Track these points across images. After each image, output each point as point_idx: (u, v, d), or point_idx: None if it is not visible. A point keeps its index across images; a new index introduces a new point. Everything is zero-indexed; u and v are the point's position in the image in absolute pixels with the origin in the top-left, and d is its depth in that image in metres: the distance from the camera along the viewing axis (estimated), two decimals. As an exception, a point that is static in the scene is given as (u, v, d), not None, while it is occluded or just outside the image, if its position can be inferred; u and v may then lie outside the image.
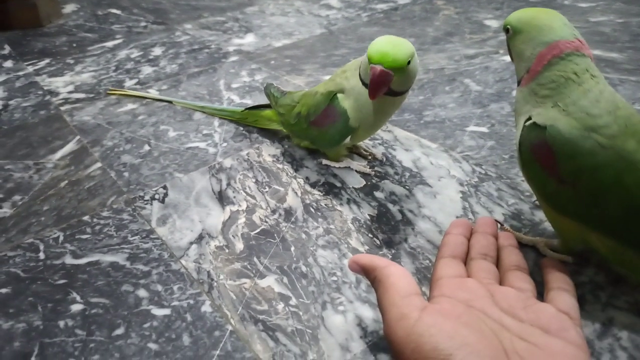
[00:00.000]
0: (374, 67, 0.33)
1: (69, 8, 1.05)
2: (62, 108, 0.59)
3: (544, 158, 0.27)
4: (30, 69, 0.72)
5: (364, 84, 0.37)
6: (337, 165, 0.43)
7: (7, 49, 0.81)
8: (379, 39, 0.34)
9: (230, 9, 0.93)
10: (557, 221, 0.29)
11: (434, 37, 0.70)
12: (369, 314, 0.29)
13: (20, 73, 0.70)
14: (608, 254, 0.28)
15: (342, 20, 0.81)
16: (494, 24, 0.73)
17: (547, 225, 0.34)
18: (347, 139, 0.40)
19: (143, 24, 0.89)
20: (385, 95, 0.36)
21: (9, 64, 0.75)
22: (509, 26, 0.30)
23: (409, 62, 0.34)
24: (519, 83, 0.30)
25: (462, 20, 0.76)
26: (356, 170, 0.42)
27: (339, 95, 0.39)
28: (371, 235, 0.35)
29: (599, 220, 0.27)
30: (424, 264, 0.32)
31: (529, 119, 0.28)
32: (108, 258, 0.35)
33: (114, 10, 0.99)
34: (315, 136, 0.42)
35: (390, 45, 0.34)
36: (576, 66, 0.27)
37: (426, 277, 0.31)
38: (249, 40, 0.76)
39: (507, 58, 0.61)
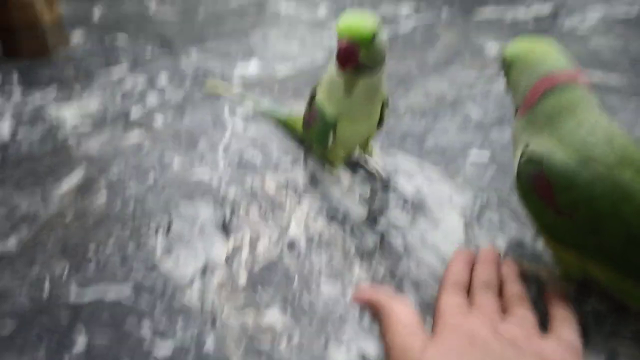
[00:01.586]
0: (341, 40, 0.35)
1: (76, 35, 1.07)
2: (69, 138, 0.59)
3: (542, 189, 0.27)
4: (38, 98, 0.73)
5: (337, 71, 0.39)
6: (333, 175, 0.45)
7: (15, 78, 0.83)
8: (345, 14, 0.36)
9: (235, 36, 0.95)
10: (556, 251, 0.29)
11: (435, 63, 0.71)
12: (372, 348, 0.29)
13: (29, 103, 0.72)
14: (608, 283, 0.28)
15: (344, 45, 0.83)
16: (493, 48, 0.74)
17: (549, 254, 0.34)
18: (331, 138, 0.42)
19: (149, 51, 0.90)
20: (357, 72, 0.37)
21: (17, 93, 0.76)
22: (505, 57, 0.31)
23: (374, 36, 0.36)
24: (515, 113, 0.31)
25: (462, 45, 0.77)
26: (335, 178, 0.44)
27: (320, 95, 0.41)
28: (374, 267, 0.35)
29: (598, 250, 0.27)
30: (427, 295, 0.32)
31: (526, 150, 0.28)
32: (112, 291, 0.35)
33: (121, 38, 1.01)
34: (313, 140, 0.43)
35: (356, 19, 0.36)
36: (571, 96, 0.28)
37: (430, 308, 0.31)
38: (252, 66, 0.77)
39: (508, 83, 0.62)
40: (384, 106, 0.43)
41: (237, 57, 0.82)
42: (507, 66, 0.31)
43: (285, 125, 0.55)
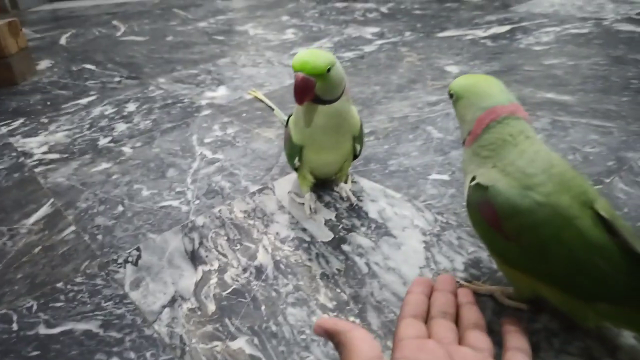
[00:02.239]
0: (297, 74, 0.37)
1: (43, 64, 1.06)
2: (36, 170, 0.59)
3: (489, 216, 0.29)
4: (4, 129, 0.73)
5: None
6: (297, 199, 0.47)
7: (-20, 109, 0.82)
8: (300, 51, 0.39)
9: (203, 62, 0.96)
10: (508, 273, 0.31)
11: (398, 85, 0.73)
12: (336, 371, 0.30)
13: (-6, 134, 0.71)
14: (556, 302, 0.30)
15: (311, 69, 0.85)
16: (454, 69, 0.77)
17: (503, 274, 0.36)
18: (297, 160, 0.45)
19: (117, 79, 0.91)
20: (316, 103, 0.40)
21: (-18, 125, 0.75)
22: (452, 92, 0.33)
23: (329, 70, 0.38)
24: (463, 143, 0.32)
25: (425, 66, 0.80)
26: (302, 203, 0.47)
27: (290, 119, 0.45)
28: (339, 290, 0.36)
29: (544, 272, 0.29)
30: (389, 317, 0.33)
31: (474, 179, 0.30)
32: (82, 326, 0.36)
33: (88, 66, 1.01)
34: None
35: (310, 55, 0.38)
36: (512, 129, 0.30)
37: (391, 330, 0.32)
38: (221, 93, 0.78)
39: (467, 104, 0.64)
40: (355, 140, 0.44)
41: (206, 84, 0.83)
42: (454, 100, 0.33)
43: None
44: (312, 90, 0.38)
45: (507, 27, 0.96)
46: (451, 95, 0.33)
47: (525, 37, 0.88)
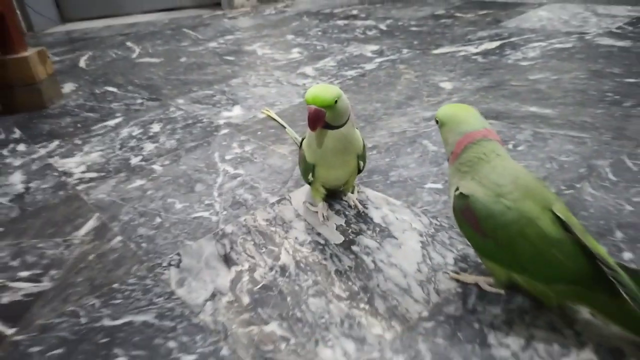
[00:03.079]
0: (309, 107, 0.46)
1: (67, 87, 1.15)
2: (78, 187, 0.67)
3: (470, 219, 0.37)
4: (42, 151, 0.81)
5: None
6: (312, 208, 0.55)
7: (17, 133, 0.90)
8: (312, 87, 0.47)
9: (217, 82, 1.04)
10: (487, 264, 0.39)
11: (397, 102, 0.81)
12: (351, 346, 0.37)
13: (34, 156, 0.79)
14: (526, 286, 0.37)
15: (317, 88, 0.92)
16: (447, 86, 0.85)
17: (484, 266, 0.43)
18: (311, 176, 0.52)
19: (139, 100, 0.99)
20: (326, 128, 0.48)
21: (22, 147, 0.84)
22: (437, 119, 0.40)
23: (336, 101, 0.46)
24: (448, 160, 0.40)
25: (421, 83, 0.87)
26: (316, 211, 0.55)
27: (304, 141, 0.53)
28: (350, 283, 0.44)
29: (515, 263, 0.36)
30: (392, 303, 0.41)
31: (457, 189, 0.38)
32: (140, 318, 0.43)
33: (110, 88, 1.10)
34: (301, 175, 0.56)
35: (320, 90, 0.46)
36: (485, 149, 0.37)
37: (394, 314, 0.40)
38: (236, 112, 0.86)
39: (459, 118, 0.72)
40: (359, 158, 0.52)
41: (222, 104, 0.91)
42: (440, 126, 0.40)
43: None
44: (323, 119, 0.46)
45: (497, 43, 1.03)
46: (437, 122, 0.41)
47: (514, 52, 0.96)
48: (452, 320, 0.39)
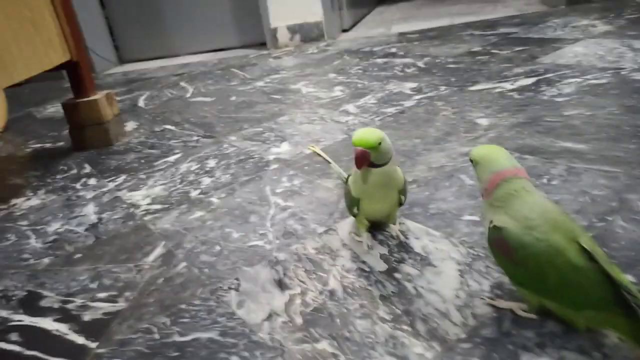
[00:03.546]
0: (356, 149, 0.51)
1: (130, 126, 1.25)
2: (146, 218, 0.75)
3: (504, 249, 0.41)
4: (111, 185, 0.90)
5: None
6: (357, 238, 0.60)
7: (88, 168, 1.00)
8: (358, 130, 0.53)
9: (266, 120, 1.12)
10: (520, 292, 0.43)
11: (435, 138, 0.86)
12: (395, 363, 0.42)
13: (104, 189, 0.88)
14: (555, 311, 0.41)
15: (359, 125, 0.98)
16: (484, 122, 0.89)
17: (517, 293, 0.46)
18: (356, 209, 0.58)
19: (195, 137, 1.08)
20: (370, 167, 0.53)
21: (92, 181, 0.93)
22: (472, 159, 0.45)
23: (380, 143, 0.51)
24: (482, 196, 0.44)
25: (458, 119, 0.92)
26: (361, 241, 0.59)
27: (350, 177, 0.58)
28: (394, 307, 0.48)
29: (545, 290, 0.40)
30: (433, 326, 0.45)
31: (491, 222, 0.42)
32: (206, 335, 0.49)
33: (168, 126, 1.19)
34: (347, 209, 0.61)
35: (365, 133, 0.52)
36: (516, 186, 0.41)
37: (434, 335, 0.44)
38: (284, 148, 0.93)
39: (495, 154, 0.76)
40: (400, 192, 0.57)
41: (271, 141, 0.98)
42: (474, 164, 0.45)
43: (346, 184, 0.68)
44: (368, 159, 0.51)
45: (532, 79, 1.07)
46: (471, 161, 0.45)
47: (549, 88, 1.00)
48: (488, 342, 0.42)
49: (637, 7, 1.62)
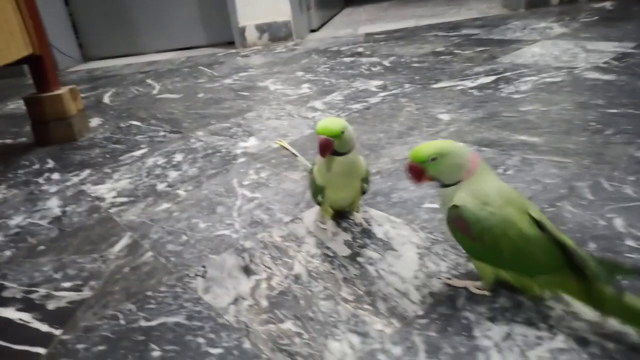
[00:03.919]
0: (320, 137, 0.53)
1: (94, 122, 1.24)
2: (111, 210, 0.75)
3: (461, 226, 0.43)
4: (75, 179, 0.89)
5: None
6: (321, 226, 0.62)
7: (51, 163, 0.99)
8: (322, 120, 0.54)
9: (233, 116, 1.12)
10: (477, 265, 0.45)
11: (399, 132, 0.88)
12: (356, 339, 0.43)
13: (68, 183, 0.87)
14: (511, 280, 0.44)
15: (326, 120, 1.00)
16: (445, 117, 0.92)
17: (475, 271, 0.49)
18: (320, 197, 0.59)
19: (162, 133, 1.07)
20: (334, 155, 0.55)
21: (56, 176, 0.92)
22: (435, 155, 0.44)
23: (342, 132, 0.53)
24: (442, 186, 0.46)
25: (421, 115, 0.95)
26: (325, 229, 0.61)
27: (314, 166, 0.60)
28: (356, 288, 0.50)
29: (500, 261, 0.43)
30: (392, 304, 0.47)
31: (452, 204, 0.44)
32: (172, 319, 0.50)
33: (134, 122, 1.19)
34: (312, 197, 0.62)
35: (329, 122, 0.53)
36: (480, 172, 0.44)
37: (394, 313, 0.46)
38: (251, 143, 0.94)
39: (455, 146, 0.79)
40: (363, 181, 0.59)
41: (238, 135, 0.99)
42: (439, 159, 0.43)
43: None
44: (331, 147, 0.53)
45: (492, 78, 1.11)
46: (434, 159, 0.44)
47: (507, 86, 1.04)
48: (443, 317, 0.45)
49: (592, 12, 1.70)
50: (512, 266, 0.43)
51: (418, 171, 0.46)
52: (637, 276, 0.43)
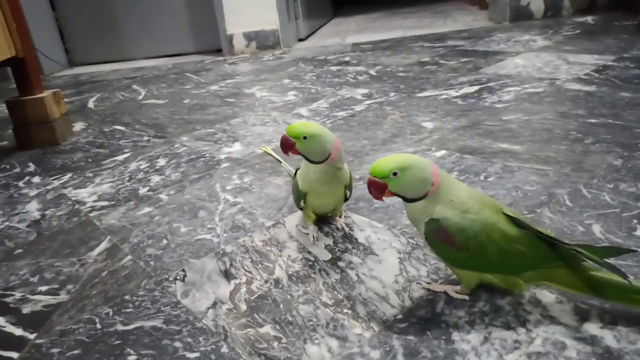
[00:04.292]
0: (283, 134, 0.54)
1: (78, 126, 1.23)
2: (91, 214, 0.74)
3: (444, 237, 0.43)
4: (56, 183, 0.88)
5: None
6: (303, 230, 0.61)
7: (32, 167, 0.97)
8: (294, 123, 0.55)
9: (218, 122, 1.12)
10: (459, 274, 0.45)
11: (383, 139, 0.89)
12: (335, 343, 0.43)
13: (49, 187, 0.86)
14: (498, 282, 0.44)
15: (311, 127, 1.00)
16: (429, 125, 0.93)
17: (454, 276, 0.49)
18: (302, 203, 0.59)
19: (146, 138, 1.07)
20: (309, 162, 0.55)
21: (36, 179, 0.90)
22: (396, 170, 0.43)
23: (304, 137, 0.53)
24: (414, 200, 0.44)
25: (405, 123, 0.96)
26: (307, 233, 0.61)
27: (298, 172, 0.60)
28: (336, 292, 0.50)
29: (487, 265, 0.43)
30: (372, 308, 0.47)
31: (427, 217, 0.44)
32: (149, 323, 0.49)
33: (119, 127, 1.18)
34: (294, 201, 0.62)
35: (297, 125, 0.54)
36: (445, 179, 0.44)
37: (373, 317, 0.46)
38: (236, 148, 0.94)
39: (438, 154, 0.79)
40: (346, 188, 0.59)
41: (223, 141, 0.99)
42: (401, 173, 0.42)
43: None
44: (290, 146, 0.54)
45: (476, 87, 1.13)
46: (395, 174, 0.43)
47: (490, 96, 1.05)
48: (423, 321, 0.45)
49: (574, 25, 1.73)
50: (500, 268, 0.43)
51: (379, 187, 0.44)
52: (627, 253, 0.43)
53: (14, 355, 0.47)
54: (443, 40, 1.78)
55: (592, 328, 0.41)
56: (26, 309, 0.54)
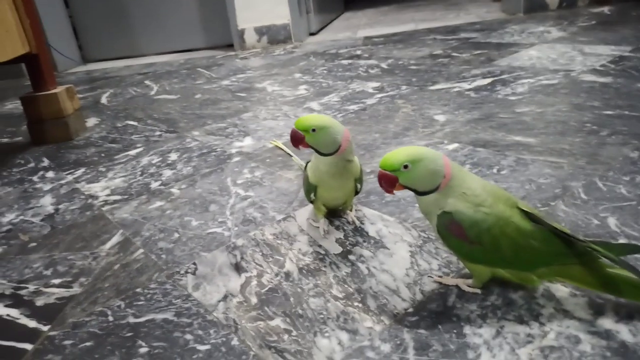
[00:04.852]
0: (293, 128, 0.53)
1: (91, 122, 1.24)
2: (104, 208, 0.74)
3: (457, 231, 0.42)
4: (69, 177, 0.88)
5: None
6: (314, 224, 0.61)
7: (46, 162, 0.98)
8: (303, 116, 0.55)
9: (230, 116, 1.12)
10: (472, 268, 0.45)
11: (394, 133, 0.88)
12: (345, 337, 0.43)
13: (63, 181, 0.87)
14: (511, 277, 0.44)
15: (322, 121, 1.00)
16: (441, 118, 0.92)
17: (466, 270, 0.49)
18: (313, 195, 0.59)
19: (158, 133, 1.07)
20: (318, 154, 0.55)
21: (50, 174, 0.91)
22: (406, 163, 0.42)
23: (314, 130, 0.52)
24: (426, 193, 0.44)
25: (417, 116, 0.95)
26: (317, 227, 0.61)
27: (308, 164, 0.60)
28: (346, 286, 0.49)
29: (500, 260, 0.42)
30: (382, 302, 0.46)
31: (440, 209, 0.43)
32: (160, 316, 0.49)
33: (131, 122, 1.18)
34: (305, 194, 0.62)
35: (306, 117, 0.54)
36: (458, 172, 0.43)
37: (384, 310, 0.45)
38: (247, 142, 0.94)
39: (450, 147, 0.78)
40: (357, 181, 0.59)
41: (234, 135, 0.99)
42: (412, 166, 0.41)
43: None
44: (299, 140, 0.53)
45: (489, 80, 1.11)
46: (406, 166, 0.42)
47: (504, 88, 1.04)
48: (434, 315, 0.44)
49: (589, 16, 1.70)
50: (513, 264, 0.42)
51: (390, 180, 0.43)
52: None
53: (28, 346, 0.47)
54: (455, 32, 1.76)
55: (607, 322, 0.41)
56: (40, 302, 0.54)
